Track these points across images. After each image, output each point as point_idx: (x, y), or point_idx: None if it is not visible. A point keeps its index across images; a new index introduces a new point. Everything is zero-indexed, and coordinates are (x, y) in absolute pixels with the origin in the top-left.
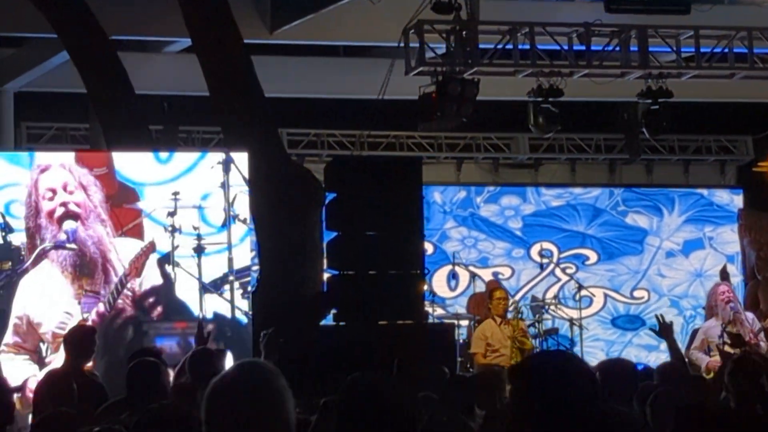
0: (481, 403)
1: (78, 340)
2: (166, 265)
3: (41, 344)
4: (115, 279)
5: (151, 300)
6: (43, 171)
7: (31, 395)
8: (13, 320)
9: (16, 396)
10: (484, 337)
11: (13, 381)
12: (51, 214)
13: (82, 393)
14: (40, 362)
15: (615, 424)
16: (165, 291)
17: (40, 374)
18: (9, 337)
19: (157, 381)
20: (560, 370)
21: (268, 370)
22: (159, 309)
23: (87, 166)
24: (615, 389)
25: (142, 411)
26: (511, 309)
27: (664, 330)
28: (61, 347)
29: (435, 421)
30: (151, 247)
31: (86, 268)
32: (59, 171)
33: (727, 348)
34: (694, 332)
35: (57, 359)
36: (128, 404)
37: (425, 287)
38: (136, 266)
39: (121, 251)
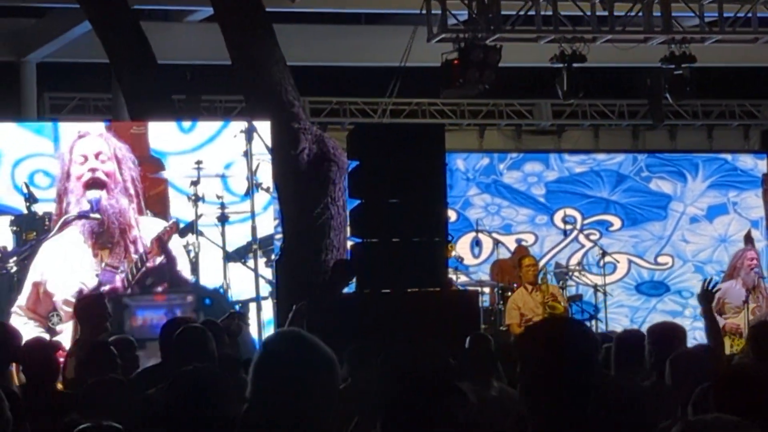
0: (499, 374)
1: (88, 310)
2: (170, 241)
3: (53, 313)
4: (135, 256)
5: (153, 278)
6: (81, 137)
7: None
8: (29, 284)
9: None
10: (516, 307)
11: None
12: (79, 178)
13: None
14: (50, 331)
15: (616, 394)
16: (168, 267)
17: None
18: (23, 299)
19: (205, 348)
20: (556, 340)
21: (312, 340)
22: (162, 286)
23: (122, 136)
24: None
25: (176, 374)
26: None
27: (705, 296)
28: (71, 316)
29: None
30: (174, 228)
31: (106, 238)
32: (96, 139)
33: None
34: None
35: (66, 329)
36: (171, 371)
37: (454, 253)
38: (158, 245)
39: (144, 229)
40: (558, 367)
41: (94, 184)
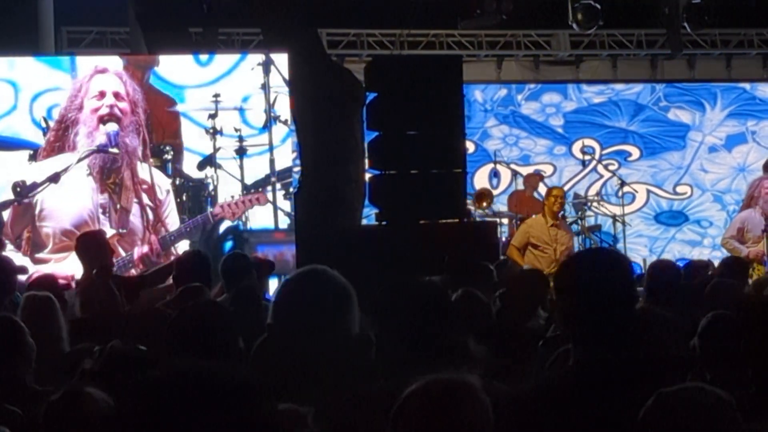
0: (545, 304)
1: (92, 247)
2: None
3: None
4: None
5: None
6: (100, 72)
7: None
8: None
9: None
10: (527, 231)
11: None
12: (95, 110)
13: None
14: None
15: (653, 325)
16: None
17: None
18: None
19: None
20: (598, 271)
21: (334, 277)
22: None
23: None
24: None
25: (184, 307)
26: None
27: None
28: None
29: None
30: (257, 200)
31: (114, 177)
32: (114, 78)
33: None
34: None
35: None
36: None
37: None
38: (234, 212)
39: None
40: (595, 295)
41: (111, 117)
